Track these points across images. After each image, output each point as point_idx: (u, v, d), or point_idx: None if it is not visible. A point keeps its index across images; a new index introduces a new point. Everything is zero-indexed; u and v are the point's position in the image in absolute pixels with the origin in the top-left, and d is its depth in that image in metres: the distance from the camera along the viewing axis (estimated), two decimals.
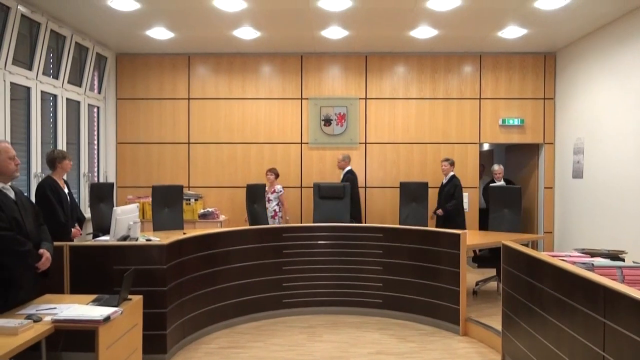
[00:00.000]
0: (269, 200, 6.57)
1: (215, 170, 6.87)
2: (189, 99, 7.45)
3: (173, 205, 6.07)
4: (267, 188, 6.56)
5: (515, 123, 7.39)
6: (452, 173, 6.55)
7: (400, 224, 6.31)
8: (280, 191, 6.66)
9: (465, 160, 7.38)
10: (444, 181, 6.60)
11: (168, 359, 4.03)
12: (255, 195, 6.29)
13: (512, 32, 6.36)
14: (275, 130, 7.44)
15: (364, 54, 7.44)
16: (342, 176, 6.81)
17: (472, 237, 5.39)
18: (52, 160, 4.71)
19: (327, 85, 7.51)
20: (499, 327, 4.07)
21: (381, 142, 7.46)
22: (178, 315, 4.23)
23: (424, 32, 6.42)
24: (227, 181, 6.78)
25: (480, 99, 7.44)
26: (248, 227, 5.34)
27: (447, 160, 6.58)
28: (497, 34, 6.45)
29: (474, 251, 6.25)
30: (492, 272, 6.15)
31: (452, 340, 4.58)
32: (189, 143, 7.43)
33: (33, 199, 4.61)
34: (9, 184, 3.13)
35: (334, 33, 6.45)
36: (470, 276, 5.89)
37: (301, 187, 7.39)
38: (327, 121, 7.49)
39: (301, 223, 7.01)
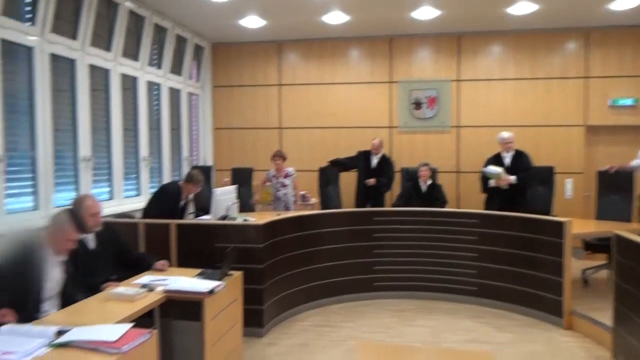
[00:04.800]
0: (284, 185, 6.24)
1: (307, 155, 6.99)
2: (280, 85, 7.62)
3: (247, 186, 6.46)
4: (274, 173, 6.28)
5: (628, 103, 6.76)
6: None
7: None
8: (294, 174, 6.32)
9: (569, 144, 6.90)
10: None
11: (264, 333, 4.21)
12: (329, 178, 6.48)
13: (624, 2, 5.78)
14: (365, 114, 7.40)
15: (457, 34, 7.16)
16: (377, 160, 6.50)
17: (579, 226, 5.01)
18: (186, 178, 5.00)
19: (417, 68, 7.33)
20: (608, 322, 3.78)
21: (475, 125, 7.17)
22: (274, 293, 4.38)
23: (522, 8, 6.03)
24: (316, 165, 6.86)
25: (586, 77, 6.88)
26: (340, 210, 5.40)
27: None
28: (607, 5, 5.91)
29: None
30: (603, 258, 5.66)
31: (554, 334, 4.33)
32: (280, 128, 7.62)
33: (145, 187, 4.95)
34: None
35: (425, 13, 6.25)
36: (580, 263, 5.54)
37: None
38: (418, 104, 7.32)
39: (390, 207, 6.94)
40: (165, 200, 4.78)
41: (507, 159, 5.82)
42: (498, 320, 4.64)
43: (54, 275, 2.82)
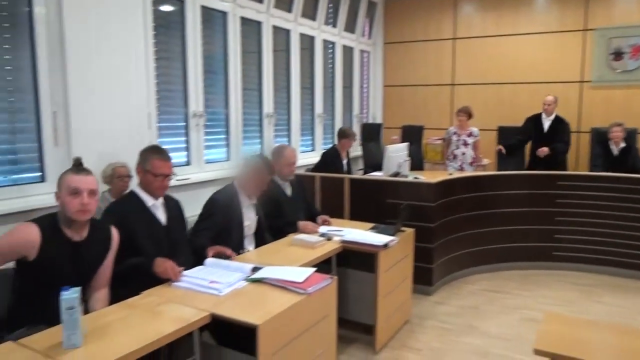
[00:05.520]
0: (465, 144, 5.77)
1: (482, 112, 6.58)
2: (454, 39, 7.23)
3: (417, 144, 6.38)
4: (455, 130, 5.82)
5: None
6: None
7: None
8: (478, 135, 5.79)
9: None
10: None
11: (433, 292, 4.20)
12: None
13: None
14: (549, 67, 6.67)
15: None
16: (549, 123, 5.69)
17: None
18: (337, 135, 5.29)
19: (620, 12, 6.30)
20: None
21: None
22: (444, 252, 4.32)
23: None
24: (492, 124, 6.45)
25: None
26: (519, 172, 5.03)
27: None
28: None
29: None
30: None
31: None
32: (453, 84, 7.29)
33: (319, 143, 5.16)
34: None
35: None
36: None
37: (579, 132, 6.54)
38: (618, 55, 6.34)
39: (577, 171, 6.25)
40: (329, 164, 4.98)
41: None
42: None
43: (249, 216, 3.14)
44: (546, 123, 5.72)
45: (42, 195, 3.10)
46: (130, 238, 2.43)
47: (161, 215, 2.62)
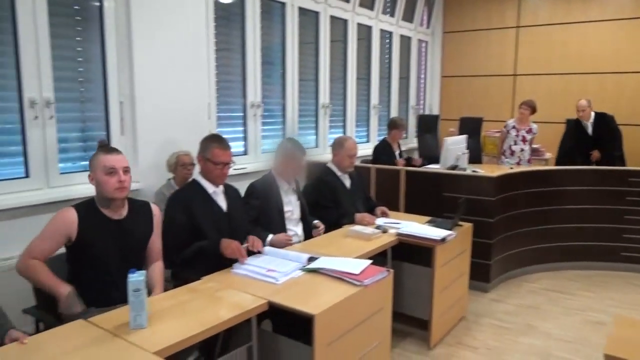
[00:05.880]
0: (524, 140, 5.45)
1: (544, 104, 6.30)
2: (517, 27, 6.94)
3: (476, 136, 6.10)
4: (514, 124, 5.50)
5: None
6: None
7: None
8: (537, 132, 5.48)
9: None
10: None
11: (490, 289, 4.09)
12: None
13: None
14: (621, 57, 6.27)
15: None
16: (592, 125, 5.25)
17: None
18: (387, 126, 5.19)
19: None
20: None
21: None
22: (503, 249, 4.19)
23: None
24: (556, 116, 6.16)
25: None
26: (584, 167, 4.77)
27: None
28: None
29: None
30: None
31: None
32: (515, 75, 7.01)
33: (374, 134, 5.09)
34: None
35: None
36: None
37: None
38: None
39: None
40: (381, 156, 4.93)
41: None
42: None
43: (289, 201, 3.13)
44: (589, 127, 5.29)
45: None
46: (194, 224, 2.50)
47: (222, 203, 2.68)
